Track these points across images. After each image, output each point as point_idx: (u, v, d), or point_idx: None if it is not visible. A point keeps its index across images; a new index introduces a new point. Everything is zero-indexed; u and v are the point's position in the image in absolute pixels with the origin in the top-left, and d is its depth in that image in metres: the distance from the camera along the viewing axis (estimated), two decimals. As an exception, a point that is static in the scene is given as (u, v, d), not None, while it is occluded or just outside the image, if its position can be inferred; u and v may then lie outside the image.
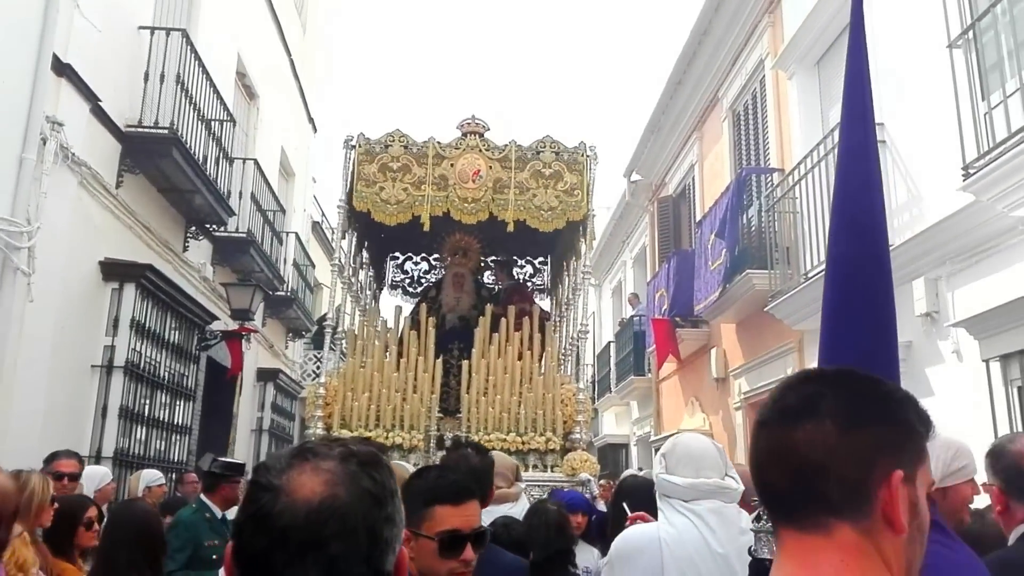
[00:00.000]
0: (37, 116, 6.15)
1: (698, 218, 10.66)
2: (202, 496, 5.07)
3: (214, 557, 4.54)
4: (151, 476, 6.12)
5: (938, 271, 5.70)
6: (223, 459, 5.84)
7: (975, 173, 4.77)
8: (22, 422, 5.91)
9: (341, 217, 6.81)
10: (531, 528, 3.34)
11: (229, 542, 1.00)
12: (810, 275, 7.13)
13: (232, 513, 4.91)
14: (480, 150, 6.68)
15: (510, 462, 4.14)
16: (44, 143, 6.19)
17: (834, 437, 0.98)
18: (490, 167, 6.63)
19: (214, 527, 4.82)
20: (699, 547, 2.39)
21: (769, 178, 8.73)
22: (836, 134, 6.70)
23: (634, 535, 2.55)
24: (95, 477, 4.95)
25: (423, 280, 8.87)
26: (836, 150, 1.98)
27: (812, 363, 7.65)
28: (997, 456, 2.27)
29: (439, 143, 6.70)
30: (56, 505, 3.27)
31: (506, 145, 6.73)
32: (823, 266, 6.78)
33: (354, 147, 6.67)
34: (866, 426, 1.00)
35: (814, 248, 7.14)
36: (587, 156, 6.72)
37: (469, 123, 6.89)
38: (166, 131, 7.72)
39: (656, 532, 2.47)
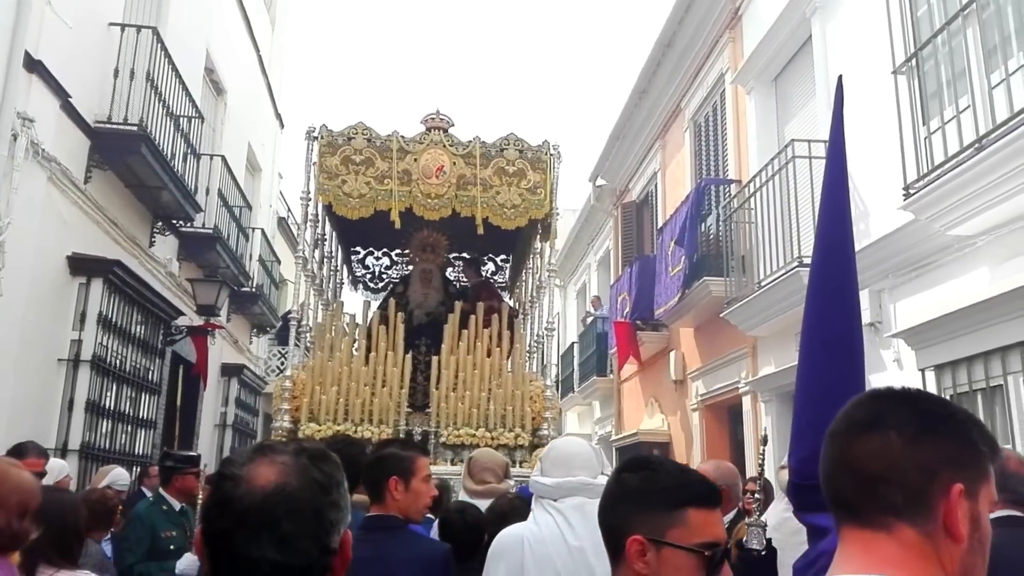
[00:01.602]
0: (8, 112, 6.19)
1: (660, 224, 10.94)
2: (160, 489, 5.17)
3: (171, 548, 4.63)
4: (118, 476, 5.74)
5: (881, 283, 6.00)
6: (177, 452, 5.89)
7: (915, 193, 5.07)
8: (-11, 416, 5.96)
9: (303, 209, 6.71)
10: (487, 521, 3.51)
11: (198, 527, 1.19)
12: (763, 283, 7.42)
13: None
14: (444, 146, 6.65)
15: (500, 459, 4.25)
16: (15, 139, 6.24)
17: (898, 448, 1.06)
18: (454, 163, 6.61)
19: (171, 518, 4.89)
20: (556, 542, 2.53)
21: (727, 188, 9.02)
22: (791, 149, 7.03)
23: (504, 535, 2.70)
24: (54, 470, 5.03)
25: (384, 276, 8.82)
26: (813, 239, 2.28)
27: (765, 367, 8.00)
28: None
29: (403, 137, 6.62)
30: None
31: (470, 141, 6.70)
32: (775, 275, 7.10)
33: (316, 138, 6.57)
34: (929, 440, 1.07)
35: (769, 257, 7.43)
36: (551, 155, 6.72)
37: (433, 118, 6.83)
38: (135, 128, 7.76)
39: (522, 531, 2.64)
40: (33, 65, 6.50)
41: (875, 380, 6.19)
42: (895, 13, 5.67)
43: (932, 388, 5.32)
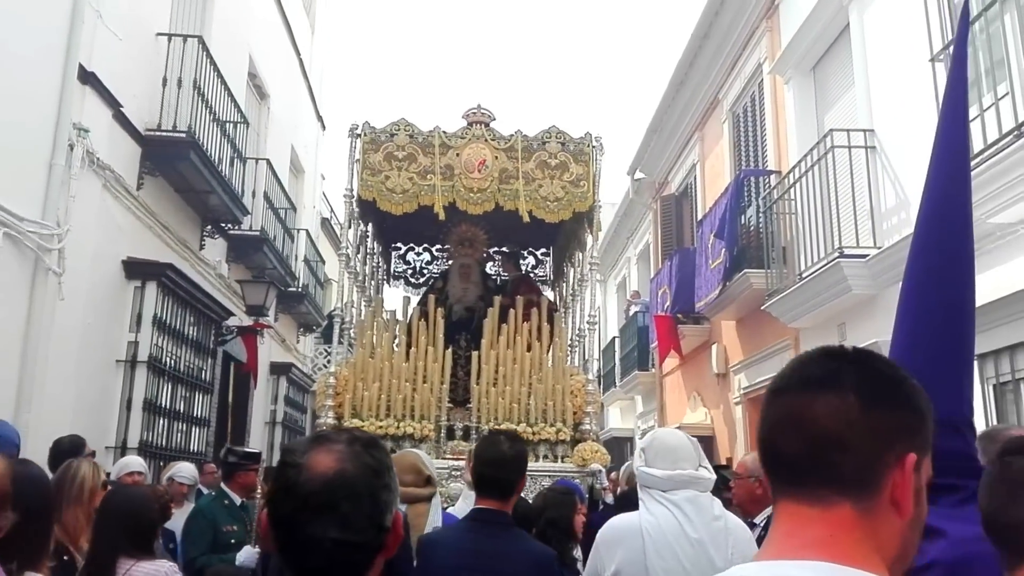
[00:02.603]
0: (65, 124, 6.47)
1: (699, 217, 10.93)
2: (221, 484, 5.34)
3: (232, 542, 4.77)
4: (180, 470, 6.02)
5: (923, 273, 5.95)
6: (239, 448, 6.04)
7: (955, 181, 5.03)
8: (54, 415, 6.23)
9: (347, 206, 6.77)
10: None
11: (263, 511, 1.32)
12: (804, 275, 7.40)
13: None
14: (486, 140, 6.60)
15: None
16: (71, 149, 6.52)
17: (856, 412, 0.98)
18: (496, 157, 6.56)
19: (232, 513, 5.03)
20: (676, 533, 2.59)
21: (767, 180, 8.99)
22: (830, 138, 7.00)
23: (618, 523, 2.75)
24: (127, 466, 5.27)
25: (425, 271, 8.80)
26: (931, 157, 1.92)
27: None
28: (989, 440, 2.34)
29: (445, 132, 6.61)
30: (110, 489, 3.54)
31: (512, 135, 6.64)
32: (816, 266, 7.08)
33: (359, 136, 6.59)
34: (887, 407, 1.00)
35: (809, 248, 7.40)
36: (593, 147, 6.65)
37: (475, 113, 6.81)
38: (184, 135, 8.02)
39: (638, 520, 2.67)
40: (87, 77, 6.77)
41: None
42: (932, 0, 5.62)
43: (975, 377, 5.28)
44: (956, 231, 1.85)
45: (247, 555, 4.54)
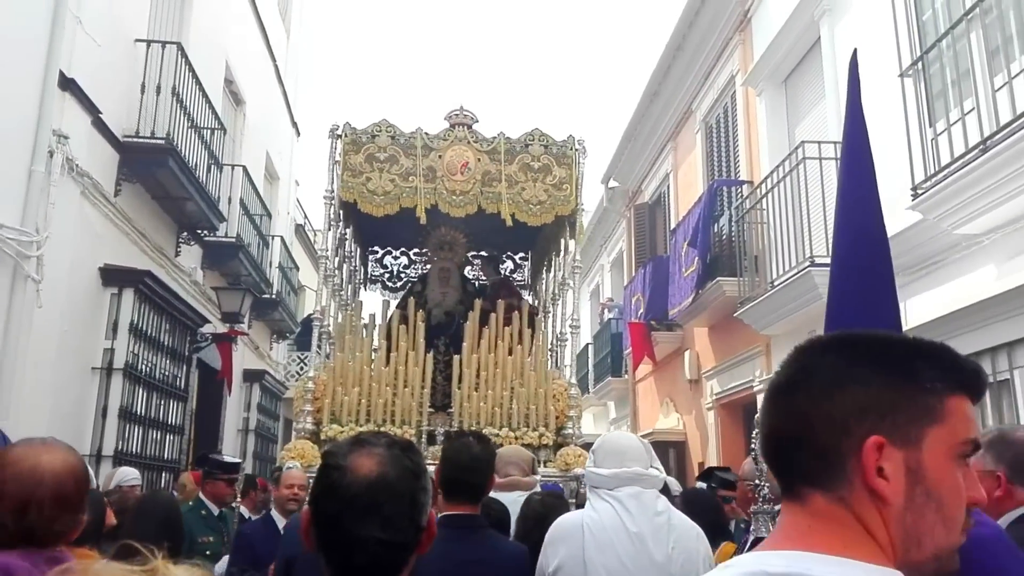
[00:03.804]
0: (45, 130, 6.44)
1: (672, 226, 11.10)
2: (199, 494, 5.32)
3: (207, 553, 4.72)
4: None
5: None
6: (216, 456, 5.95)
7: (923, 193, 5.22)
8: (30, 421, 6.17)
9: (327, 208, 6.65)
10: (520, 519, 3.56)
11: (305, 508, 1.39)
12: (776, 283, 7.57)
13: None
14: (468, 142, 6.51)
15: (526, 454, 4.35)
16: (51, 155, 6.49)
17: (805, 406, 0.96)
18: (479, 159, 6.49)
19: (209, 523, 5.03)
20: (616, 528, 2.67)
21: (739, 190, 9.17)
22: (801, 150, 7.18)
23: (563, 521, 2.84)
24: (124, 477, 5.28)
25: (402, 275, 8.71)
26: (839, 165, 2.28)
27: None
28: (1004, 443, 2.33)
29: (427, 134, 6.50)
30: (108, 500, 3.54)
31: (495, 137, 6.56)
32: (788, 275, 7.25)
33: (340, 136, 6.49)
34: (842, 391, 0.95)
35: (781, 257, 7.58)
36: (576, 150, 6.59)
37: (457, 114, 6.72)
38: (162, 141, 8.00)
39: (581, 518, 2.77)
40: (67, 84, 6.74)
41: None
42: (901, 16, 5.82)
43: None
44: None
45: (223, 567, 4.48)
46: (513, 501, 3.67)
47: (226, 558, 4.56)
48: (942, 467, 0.93)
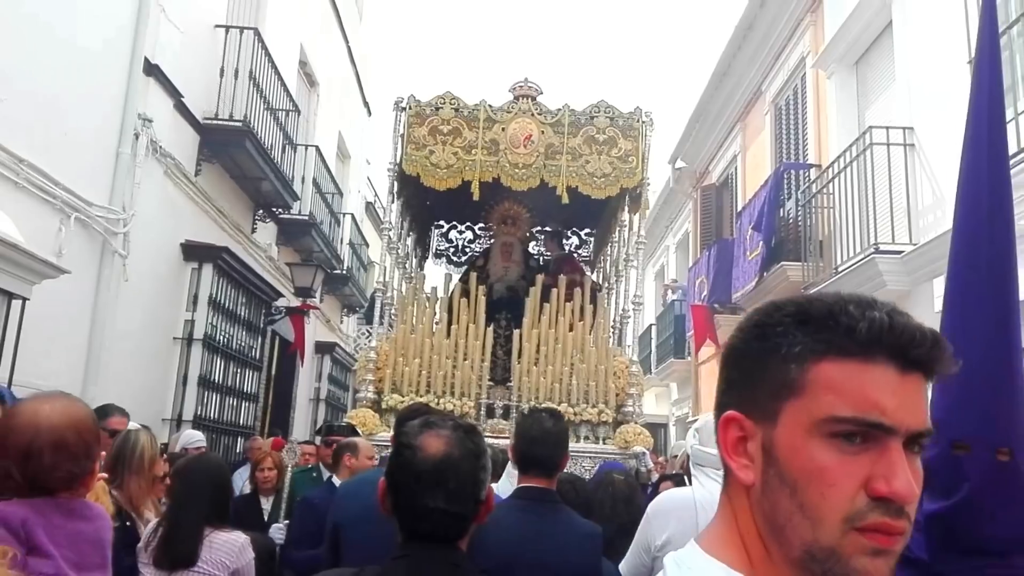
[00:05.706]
0: (131, 114, 6.83)
1: (739, 208, 11.01)
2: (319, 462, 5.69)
3: None
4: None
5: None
6: (335, 425, 6.35)
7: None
8: (117, 389, 6.61)
9: (390, 180, 6.65)
10: (599, 501, 3.59)
11: (382, 479, 1.59)
12: (840, 269, 7.50)
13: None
14: (532, 114, 6.42)
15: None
16: (136, 138, 6.88)
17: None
18: (542, 132, 6.36)
19: (317, 484, 5.21)
20: None
21: (807, 173, 9.06)
22: (869, 135, 7.07)
23: (671, 496, 2.87)
24: (188, 439, 5.61)
25: (467, 249, 8.71)
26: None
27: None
28: None
29: (490, 106, 6.44)
30: (166, 456, 3.79)
31: (559, 109, 6.43)
32: (852, 261, 7.18)
33: (404, 109, 6.47)
34: (722, 372, 0.88)
35: (846, 243, 7.49)
36: (643, 122, 6.43)
37: (522, 86, 6.65)
38: (240, 123, 8.35)
39: (691, 494, 2.78)
40: (151, 70, 7.11)
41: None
42: (972, 1, 5.68)
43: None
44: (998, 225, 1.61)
45: (278, 533, 4.60)
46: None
47: (283, 523, 4.62)
48: (795, 446, 0.78)
